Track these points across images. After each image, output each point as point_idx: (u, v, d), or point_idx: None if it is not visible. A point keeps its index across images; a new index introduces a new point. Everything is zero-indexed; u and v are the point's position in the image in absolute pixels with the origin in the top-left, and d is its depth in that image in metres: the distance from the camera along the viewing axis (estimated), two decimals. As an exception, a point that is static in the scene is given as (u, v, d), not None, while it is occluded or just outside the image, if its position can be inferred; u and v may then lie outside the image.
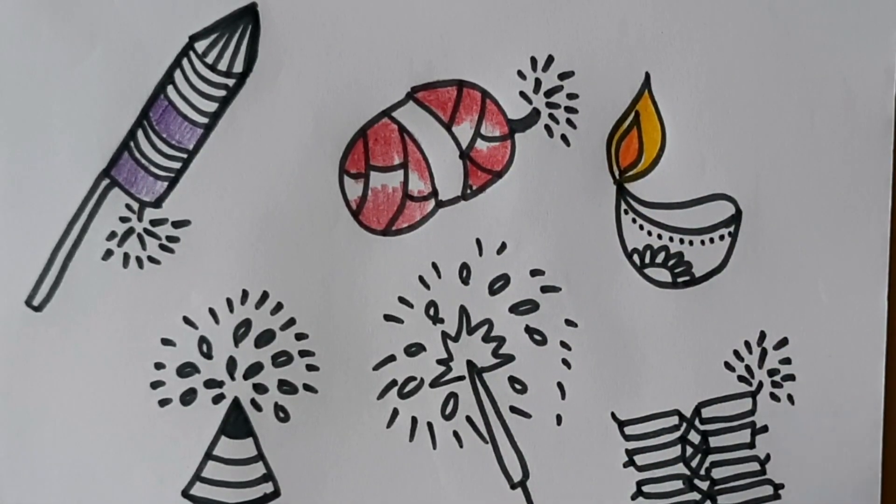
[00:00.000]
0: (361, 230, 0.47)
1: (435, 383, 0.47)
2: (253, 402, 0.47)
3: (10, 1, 0.46)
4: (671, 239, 0.48)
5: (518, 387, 0.47)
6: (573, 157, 0.47)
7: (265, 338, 0.47)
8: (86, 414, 0.46)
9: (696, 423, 0.48)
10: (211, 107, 0.47)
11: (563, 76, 0.47)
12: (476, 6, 0.47)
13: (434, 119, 0.47)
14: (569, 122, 0.47)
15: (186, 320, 0.47)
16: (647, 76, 0.47)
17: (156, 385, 0.46)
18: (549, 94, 0.47)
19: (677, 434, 0.48)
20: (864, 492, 0.48)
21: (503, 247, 0.47)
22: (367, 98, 0.47)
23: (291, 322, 0.47)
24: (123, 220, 0.47)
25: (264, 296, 0.47)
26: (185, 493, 0.47)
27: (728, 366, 0.48)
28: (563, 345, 0.47)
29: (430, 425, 0.47)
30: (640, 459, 0.48)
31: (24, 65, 0.46)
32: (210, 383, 0.47)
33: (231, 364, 0.47)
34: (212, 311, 0.47)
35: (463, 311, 0.47)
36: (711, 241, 0.48)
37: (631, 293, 0.48)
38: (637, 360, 0.48)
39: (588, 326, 0.47)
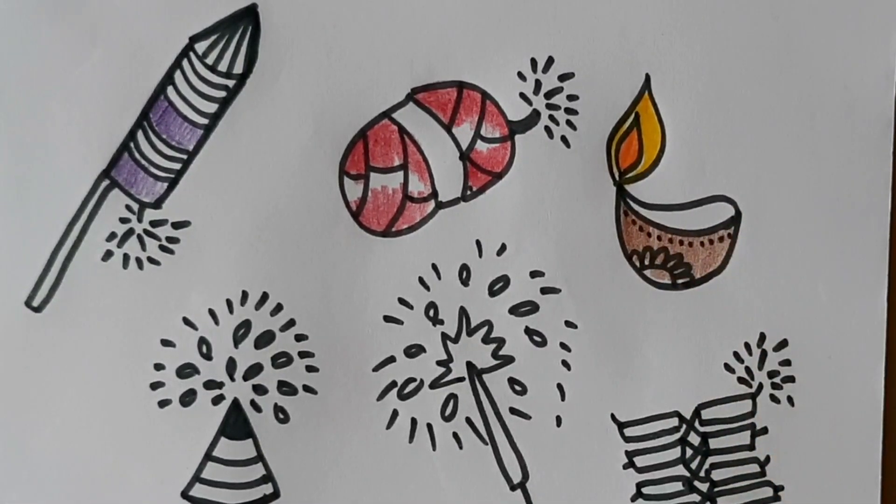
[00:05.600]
0: (361, 231, 0.47)
1: (435, 384, 0.47)
2: (252, 403, 0.47)
3: (9, 1, 0.46)
4: (671, 240, 0.48)
5: (518, 388, 0.47)
6: (573, 159, 0.47)
7: (265, 339, 0.47)
8: (85, 415, 0.46)
9: (696, 424, 0.48)
10: (211, 108, 0.47)
11: (564, 77, 0.47)
12: (476, 8, 0.47)
13: (434, 120, 0.47)
14: (569, 123, 0.47)
15: (186, 321, 0.47)
16: (648, 78, 0.47)
17: (155, 386, 0.46)
18: (549, 95, 0.47)
19: (677, 436, 0.48)
20: (864, 493, 0.48)
21: (503, 248, 0.47)
22: (367, 99, 0.47)
23: (291, 323, 0.47)
24: (123, 220, 0.47)
25: (264, 297, 0.47)
26: (185, 495, 0.47)
27: (728, 367, 0.48)
28: (563, 346, 0.47)
29: (429, 426, 0.47)
30: (639, 461, 0.48)
31: (24, 65, 0.46)
32: (210, 384, 0.47)
33: (231, 365, 0.47)
34: (211, 312, 0.47)
35: (463, 312, 0.47)
36: (711, 242, 0.48)
37: (631, 295, 0.48)
38: (637, 362, 0.48)
39: (588, 328, 0.47)
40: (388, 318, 0.47)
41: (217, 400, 0.47)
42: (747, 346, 0.48)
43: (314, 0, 0.46)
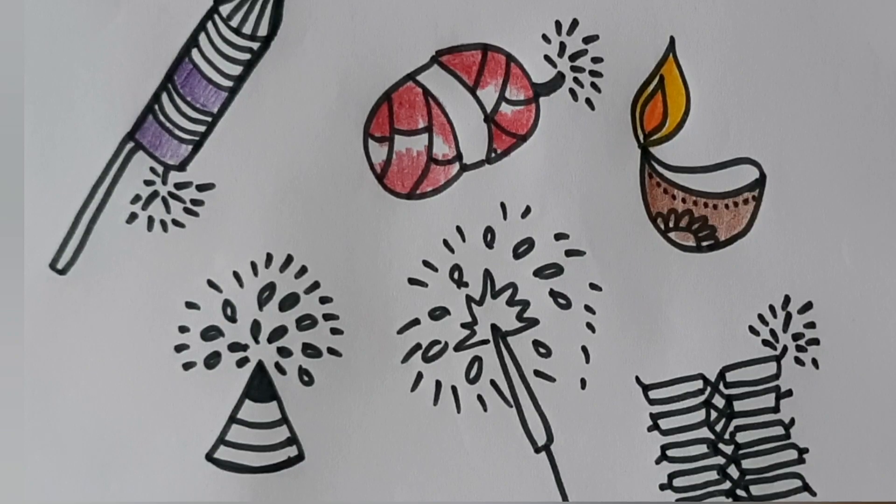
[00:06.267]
0: (386, 194, 0.47)
1: (459, 347, 0.47)
2: (277, 365, 0.47)
3: (34, -34, 0.46)
4: (695, 203, 0.48)
5: (542, 350, 0.47)
6: (597, 121, 0.47)
7: (289, 301, 0.47)
8: (110, 377, 0.46)
9: (721, 387, 0.48)
10: (235, 70, 0.47)
11: (588, 40, 0.47)
12: (501, -31, 0.47)
13: (458, 83, 0.47)
14: (593, 85, 0.47)
15: (211, 283, 0.47)
16: (672, 40, 0.47)
17: (180, 348, 0.46)
18: (573, 57, 0.47)
19: (701, 398, 0.48)
20: (889, 456, 0.48)
21: (527, 210, 0.47)
22: (391, 62, 0.47)
23: (315, 286, 0.47)
24: (148, 183, 0.47)
25: (288, 259, 0.47)
26: (209, 457, 0.47)
27: (752, 330, 0.48)
28: (588, 308, 0.47)
29: (454, 389, 0.47)
30: (664, 423, 0.48)
31: (49, 28, 0.46)
32: (234, 347, 0.47)
33: (255, 327, 0.47)
34: (236, 275, 0.47)
35: (487, 274, 0.47)
36: (735, 205, 0.48)
37: (655, 257, 0.48)
38: (661, 325, 0.48)
39: (612, 290, 0.47)
40: (412, 281, 0.47)
41: (241, 362, 0.47)
42: (772, 308, 0.48)
43: (339, -38, 0.47)
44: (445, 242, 0.47)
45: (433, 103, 0.47)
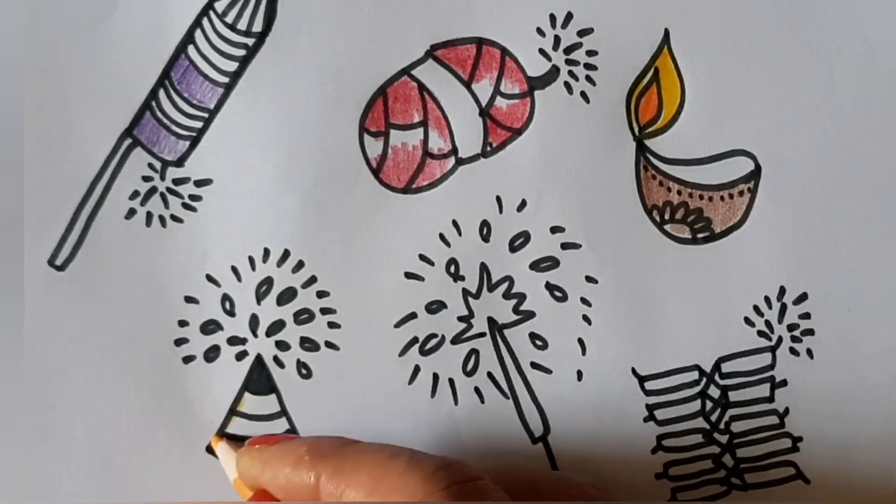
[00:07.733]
0: (382, 188, 0.47)
1: (456, 340, 0.48)
2: (275, 358, 0.47)
3: (29, -38, 0.46)
4: (690, 195, 0.48)
5: (539, 343, 0.48)
6: (592, 114, 0.47)
7: (287, 295, 0.47)
8: (109, 372, 0.47)
9: (716, 377, 0.48)
10: (231, 66, 0.47)
11: (583, 33, 0.47)
12: (495, -37, 0.47)
13: (454, 77, 0.47)
14: (588, 78, 0.47)
15: (209, 278, 0.47)
16: (667, 32, 0.47)
17: (180, 342, 0.47)
18: (568, 51, 0.47)
19: (697, 389, 0.48)
20: (882, 444, 0.48)
21: (523, 204, 0.47)
22: (386, 56, 0.47)
23: (313, 280, 0.47)
24: (146, 179, 0.47)
25: (285, 254, 0.47)
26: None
27: (748, 321, 0.48)
28: (584, 301, 0.48)
29: (451, 381, 0.48)
30: (660, 414, 0.48)
31: (44, 25, 0.46)
32: (233, 340, 0.47)
33: (253, 321, 0.47)
34: (234, 269, 0.47)
35: (483, 268, 0.48)
36: (731, 196, 0.48)
37: (651, 249, 0.48)
38: (657, 316, 0.48)
39: (608, 283, 0.48)
40: (409, 275, 0.47)
41: (240, 356, 0.47)
42: (767, 299, 0.48)
43: (333, -43, 0.47)
44: (441, 236, 0.47)
45: (428, 98, 0.47)
